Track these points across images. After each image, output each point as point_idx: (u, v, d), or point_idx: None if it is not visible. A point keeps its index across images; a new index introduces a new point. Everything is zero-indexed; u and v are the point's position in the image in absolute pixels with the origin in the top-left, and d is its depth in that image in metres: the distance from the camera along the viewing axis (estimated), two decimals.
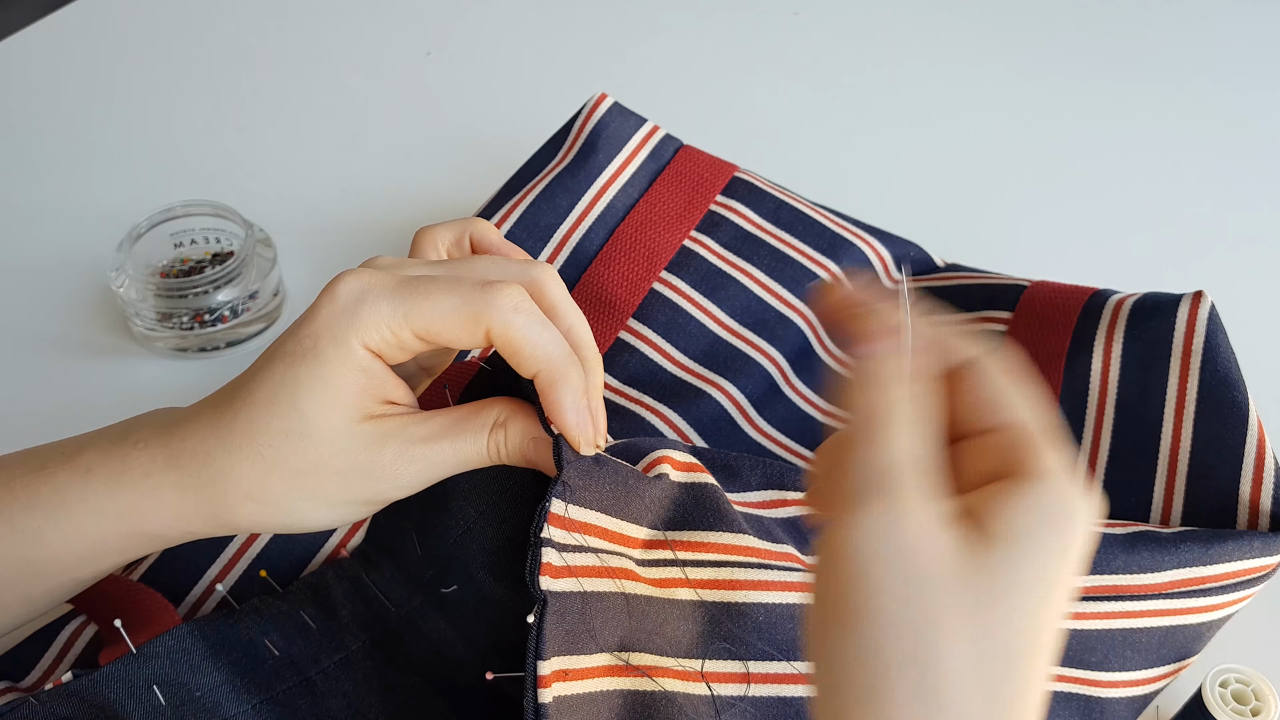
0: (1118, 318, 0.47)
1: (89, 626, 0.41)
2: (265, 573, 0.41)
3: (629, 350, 0.50)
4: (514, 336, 0.32)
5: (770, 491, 0.37)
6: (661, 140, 0.55)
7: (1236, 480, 0.41)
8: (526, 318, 0.32)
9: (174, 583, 0.41)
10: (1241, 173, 0.67)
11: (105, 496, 0.34)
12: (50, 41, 0.75)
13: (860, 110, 0.71)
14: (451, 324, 0.32)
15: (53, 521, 0.34)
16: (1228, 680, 0.38)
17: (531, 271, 0.35)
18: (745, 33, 0.78)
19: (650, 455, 0.36)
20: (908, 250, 0.55)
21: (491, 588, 0.39)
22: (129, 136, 0.68)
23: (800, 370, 0.51)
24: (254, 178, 0.65)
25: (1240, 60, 0.76)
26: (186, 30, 0.76)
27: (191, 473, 0.33)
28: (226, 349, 0.55)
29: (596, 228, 0.53)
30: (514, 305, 0.32)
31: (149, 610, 0.38)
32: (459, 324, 0.32)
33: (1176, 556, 0.38)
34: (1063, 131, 0.70)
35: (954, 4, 0.80)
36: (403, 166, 0.66)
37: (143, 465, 0.34)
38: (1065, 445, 0.45)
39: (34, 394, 0.53)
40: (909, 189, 0.66)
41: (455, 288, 0.32)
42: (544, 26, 0.77)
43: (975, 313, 0.51)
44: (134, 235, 0.54)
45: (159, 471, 0.33)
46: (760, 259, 0.52)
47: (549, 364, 0.32)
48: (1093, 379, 0.46)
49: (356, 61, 0.74)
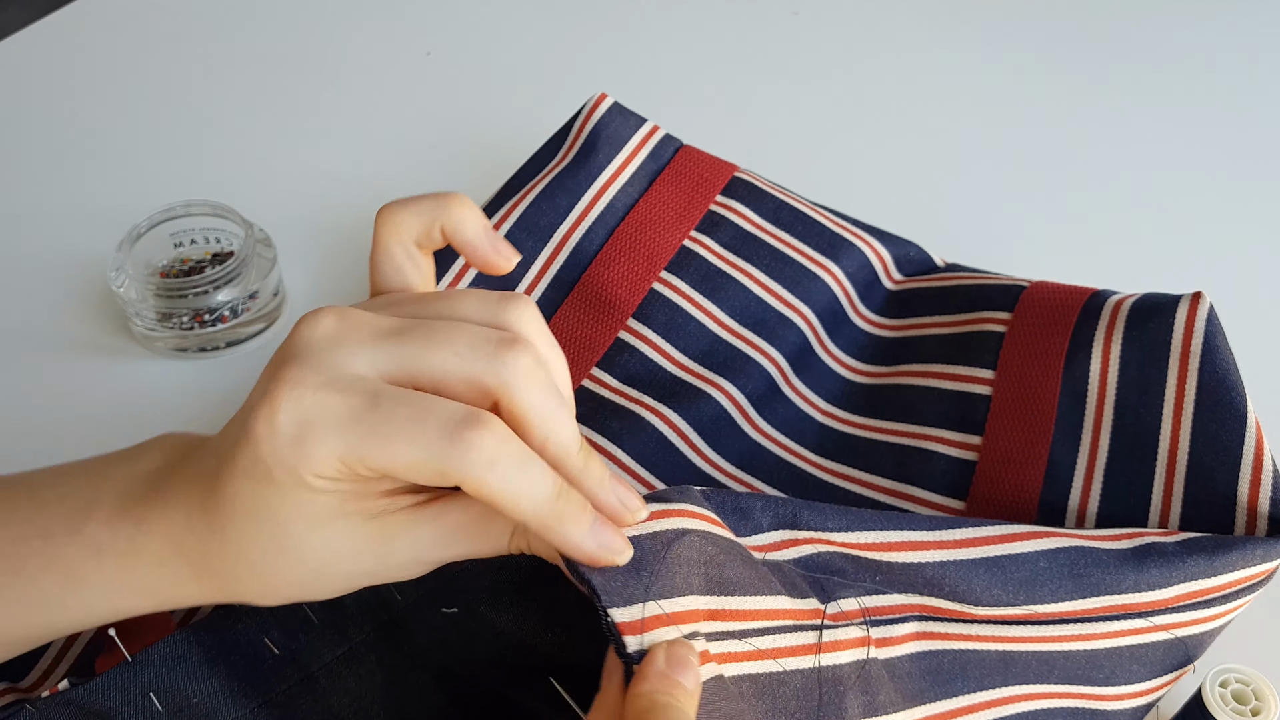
0: (1116, 318, 0.47)
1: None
2: None
3: (629, 350, 0.50)
4: (491, 494, 0.27)
5: (782, 531, 0.35)
6: (661, 140, 0.55)
7: (1235, 482, 0.41)
8: (504, 470, 0.27)
9: None
10: (1241, 174, 0.67)
11: (122, 577, 0.32)
12: (50, 41, 0.75)
13: (860, 110, 0.71)
14: (416, 474, 0.27)
15: (72, 594, 0.32)
16: (1228, 680, 0.38)
17: (504, 320, 0.30)
18: (745, 33, 0.78)
19: (670, 505, 0.33)
20: (907, 250, 0.55)
21: (492, 618, 0.39)
22: (129, 136, 0.68)
23: (800, 370, 0.51)
24: (254, 178, 0.65)
25: (1241, 59, 0.76)
26: (186, 30, 0.76)
27: (201, 568, 0.31)
28: (226, 349, 0.55)
29: (596, 227, 0.53)
30: (489, 460, 0.27)
31: (144, 615, 0.38)
32: (425, 476, 0.27)
33: (1183, 570, 0.37)
34: (1063, 132, 0.70)
35: (954, 4, 0.80)
36: (403, 166, 0.66)
37: (153, 551, 0.31)
38: (1065, 445, 0.45)
39: (34, 394, 0.53)
40: (909, 189, 0.66)
41: (418, 433, 0.27)
42: (544, 27, 0.77)
43: (974, 313, 0.51)
44: (134, 235, 0.54)
45: (170, 559, 0.31)
46: (760, 259, 0.52)
47: (536, 512, 0.28)
48: (1091, 380, 0.46)
49: (356, 61, 0.74)
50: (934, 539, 0.36)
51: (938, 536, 0.36)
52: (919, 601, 0.36)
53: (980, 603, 0.36)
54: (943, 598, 0.36)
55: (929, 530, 0.36)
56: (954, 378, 0.49)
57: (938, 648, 0.37)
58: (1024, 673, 0.38)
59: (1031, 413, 0.46)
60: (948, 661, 0.37)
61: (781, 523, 0.35)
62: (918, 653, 0.37)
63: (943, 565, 0.35)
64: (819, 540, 0.35)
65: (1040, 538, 0.37)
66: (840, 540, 0.35)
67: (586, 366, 0.49)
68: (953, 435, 0.47)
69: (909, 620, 0.36)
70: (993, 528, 0.37)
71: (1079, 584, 0.36)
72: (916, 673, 0.36)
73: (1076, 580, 0.36)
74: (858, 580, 0.35)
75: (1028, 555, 0.36)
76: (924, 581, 0.36)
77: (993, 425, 0.46)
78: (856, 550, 0.35)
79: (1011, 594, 0.36)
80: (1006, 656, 0.38)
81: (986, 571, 0.36)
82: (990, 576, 0.36)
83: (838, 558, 0.35)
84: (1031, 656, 0.38)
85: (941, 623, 0.37)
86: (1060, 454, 0.45)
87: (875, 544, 0.35)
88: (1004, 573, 0.36)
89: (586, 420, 0.47)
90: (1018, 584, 0.36)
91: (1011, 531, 0.37)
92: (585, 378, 0.49)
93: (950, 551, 0.36)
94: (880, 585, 0.36)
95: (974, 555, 0.36)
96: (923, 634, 0.37)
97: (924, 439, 0.47)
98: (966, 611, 0.36)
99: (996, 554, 0.36)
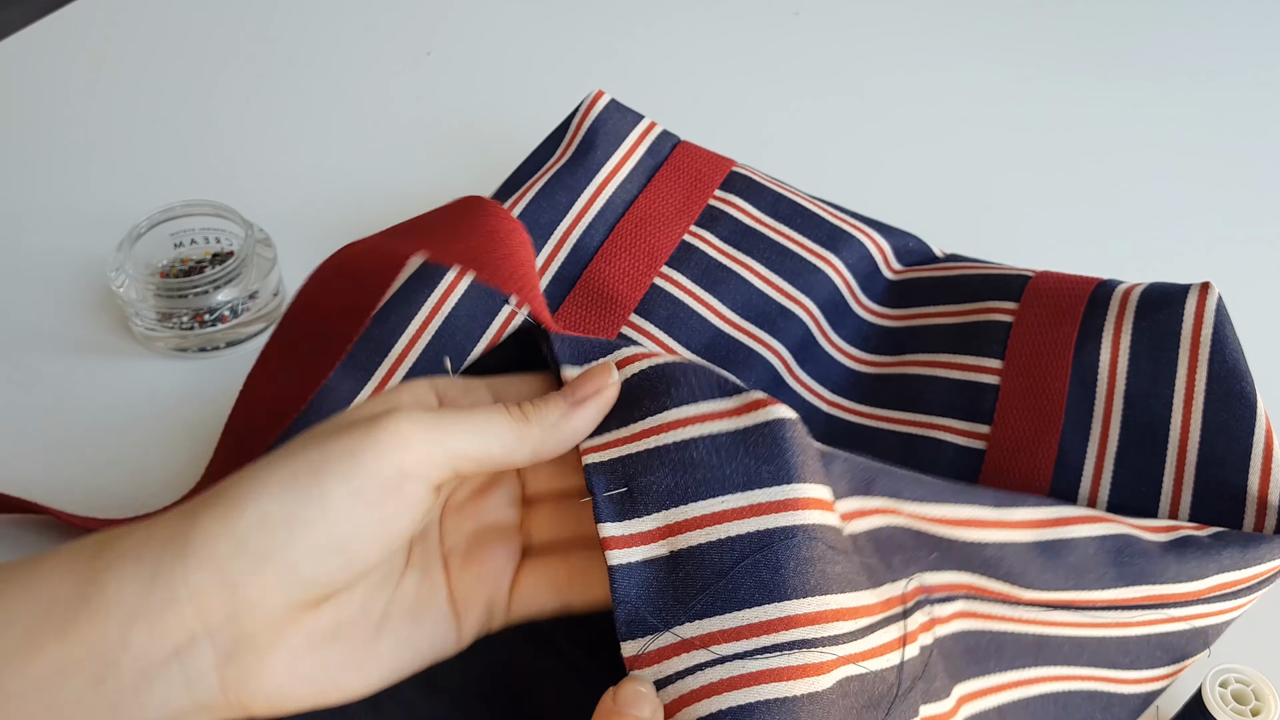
0: (1125, 308, 0.47)
1: None
2: None
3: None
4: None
5: (855, 499, 0.34)
6: (659, 136, 0.55)
7: (1245, 471, 0.41)
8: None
9: None
10: (1247, 165, 0.67)
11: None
12: (50, 41, 0.75)
13: (859, 106, 0.71)
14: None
15: None
16: (1228, 680, 0.38)
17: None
18: (745, 32, 0.78)
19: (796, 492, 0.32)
20: (906, 240, 0.55)
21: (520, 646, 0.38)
22: (129, 136, 0.67)
23: (804, 361, 0.50)
24: (254, 178, 0.65)
25: (1245, 50, 0.76)
26: (186, 30, 0.76)
27: None
28: (226, 349, 0.55)
29: (597, 224, 0.53)
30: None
31: None
32: None
33: (1219, 562, 0.37)
34: (1060, 124, 0.70)
35: (952, 1, 0.80)
36: (403, 166, 0.66)
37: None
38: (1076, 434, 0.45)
39: (34, 394, 0.53)
40: (909, 188, 0.65)
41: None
42: (544, 26, 0.77)
43: (979, 303, 0.50)
44: (134, 235, 0.54)
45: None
46: (760, 252, 0.52)
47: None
48: (1101, 369, 0.46)
49: (356, 61, 0.74)
50: (997, 518, 0.35)
51: (1001, 515, 0.35)
52: (970, 581, 0.35)
53: (1031, 586, 0.36)
54: (995, 578, 0.35)
55: (994, 507, 0.35)
56: (961, 367, 0.48)
57: (977, 628, 0.36)
58: (1055, 655, 0.38)
59: (1042, 402, 0.46)
60: (985, 641, 0.37)
61: (857, 488, 0.34)
62: (958, 632, 0.36)
63: (1003, 547, 0.35)
64: (890, 510, 0.34)
65: (1092, 522, 0.37)
66: (910, 511, 0.34)
67: None
68: (960, 424, 0.47)
69: (957, 599, 0.36)
70: (1050, 509, 0.36)
71: (1123, 572, 0.36)
72: (955, 652, 0.36)
73: (1121, 568, 0.36)
74: (916, 556, 0.35)
75: (1079, 540, 0.36)
76: (982, 561, 0.35)
77: (1001, 414, 0.46)
78: (924, 523, 0.35)
79: (1062, 579, 0.36)
80: (1041, 640, 0.37)
81: (1041, 555, 0.35)
82: (1045, 560, 0.35)
83: (902, 531, 0.34)
84: (1065, 641, 0.38)
85: (985, 603, 0.36)
86: (1071, 443, 0.45)
87: (944, 518, 0.35)
88: (1057, 557, 0.36)
89: None
90: (1068, 569, 0.36)
91: (1066, 515, 0.36)
92: None
93: (1012, 532, 0.35)
94: (936, 562, 0.35)
95: (1032, 538, 0.36)
96: (966, 613, 0.36)
97: (931, 428, 0.47)
98: (1013, 594, 0.36)
99: (1051, 538, 0.36)
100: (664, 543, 0.31)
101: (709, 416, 0.32)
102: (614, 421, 0.33)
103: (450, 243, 0.37)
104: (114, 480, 0.49)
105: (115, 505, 0.48)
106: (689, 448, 0.32)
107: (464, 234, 0.37)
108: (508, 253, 0.36)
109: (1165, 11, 0.79)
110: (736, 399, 0.32)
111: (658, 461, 0.31)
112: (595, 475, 0.32)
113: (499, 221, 0.37)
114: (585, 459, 0.32)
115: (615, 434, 0.33)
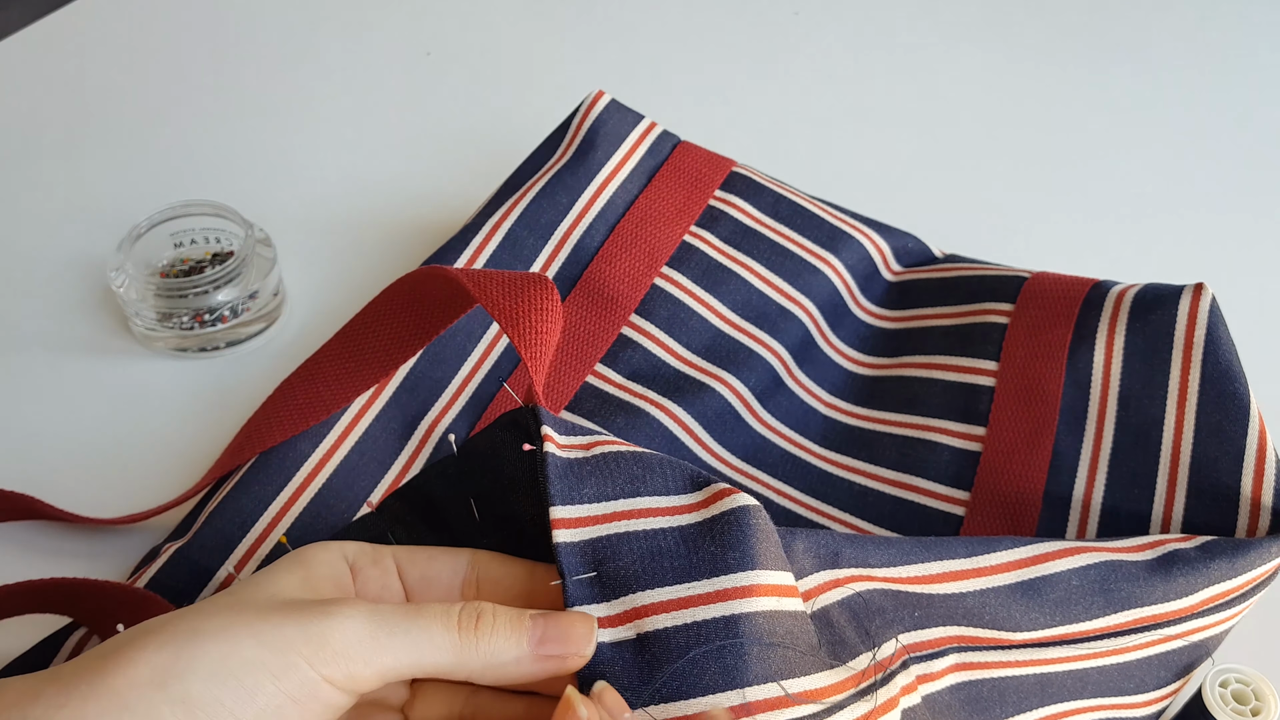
0: (1119, 310, 0.47)
1: (93, 637, 0.40)
2: (285, 538, 0.40)
3: (632, 346, 0.49)
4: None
5: (825, 573, 0.34)
6: (659, 136, 0.55)
7: (1238, 472, 0.41)
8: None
9: (182, 586, 0.41)
10: (1242, 167, 0.67)
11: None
12: (50, 41, 0.75)
13: (859, 106, 0.71)
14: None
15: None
16: (1228, 680, 0.38)
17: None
18: (745, 31, 0.78)
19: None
20: (906, 241, 0.55)
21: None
22: (129, 136, 0.68)
23: (803, 362, 0.51)
24: (254, 178, 0.65)
25: (1242, 51, 0.76)
26: (186, 30, 0.76)
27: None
28: (226, 349, 0.55)
29: (597, 224, 0.53)
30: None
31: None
32: None
33: (1208, 575, 0.37)
34: (1061, 125, 0.70)
35: (952, 0, 0.81)
36: (403, 166, 0.66)
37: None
38: (1070, 435, 0.45)
39: (34, 394, 0.53)
40: (909, 187, 0.66)
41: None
42: (544, 26, 0.77)
43: (976, 304, 0.50)
44: (134, 235, 0.54)
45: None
46: (760, 253, 0.52)
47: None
48: (1095, 371, 0.46)
49: (357, 61, 0.74)
50: (972, 566, 0.35)
51: (975, 564, 0.36)
52: (958, 633, 0.36)
53: (1019, 628, 0.36)
54: (982, 627, 0.35)
55: (966, 557, 0.36)
56: (957, 369, 0.49)
57: (976, 677, 0.37)
58: (1060, 692, 0.38)
59: (1036, 403, 0.46)
60: (986, 689, 0.37)
61: (823, 563, 0.34)
62: (956, 684, 0.36)
63: (983, 594, 0.35)
64: (861, 578, 0.35)
65: (1070, 555, 0.36)
66: (882, 575, 0.35)
67: (590, 363, 0.49)
68: (956, 426, 0.47)
69: (948, 653, 0.36)
70: (1025, 548, 0.36)
71: (1110, 599, 0.36)
72: (956, 704, 0.36)
73: (1107, 596, 0.36)
74: (898, 617, 0.35)
75: (1060, 575, 0.36)
76: (964, 612, 0.35)
77: (997, 416, 0.46)
78: (899, 585, 0.35)
79: (1048, 616, 0.36)
80: (1043, 679, 0.37)
81: (1024, 596, 0.35)
82: (1028, 601, 0.35)
83: (879, 595, 0.35)
84: (1067, 675, 0.38)
85: (979, 651, 0.36)
86: (1065, 444, 0.45)
87: (917, 577, 0.35)
88: (1040, 595, 0.36)
89: (591, 417, 0.47)
90: (1053, 605, 0.36)
91: (1042, 551, 0.36)
92: (589, 374, 0.49)
93: (989, 579, 0.35)
94: (920, 620, 0.35)
95: (1011, 580, 0.36)
96: (961, 665, 0.36)
97: (927, 430, 0.47)
98: (1004, 638, 0.36)
99: (1031, 577, 0.36)
100: (630, 625, 0.31)
101: (680, 509, 0.33)
102: (588, 490, 0.33)
103: (510, 304, 0.37)
104: (114, 480, 0.49)
105: (115, 505, 0.48)
106: (659, 537, 0.32)
107: (521, 299, 0.38)
108: (545, 330, 0.37)
109: (1166, 12, 0.80)
110: (704, 491, 0.33)
111: (627, 547, 0.32)
112: (566, 557, 0.32)
113: (553, 301, 0.38)
114: (556, 535, 0.32)
115: (588, 509, 0.32)
